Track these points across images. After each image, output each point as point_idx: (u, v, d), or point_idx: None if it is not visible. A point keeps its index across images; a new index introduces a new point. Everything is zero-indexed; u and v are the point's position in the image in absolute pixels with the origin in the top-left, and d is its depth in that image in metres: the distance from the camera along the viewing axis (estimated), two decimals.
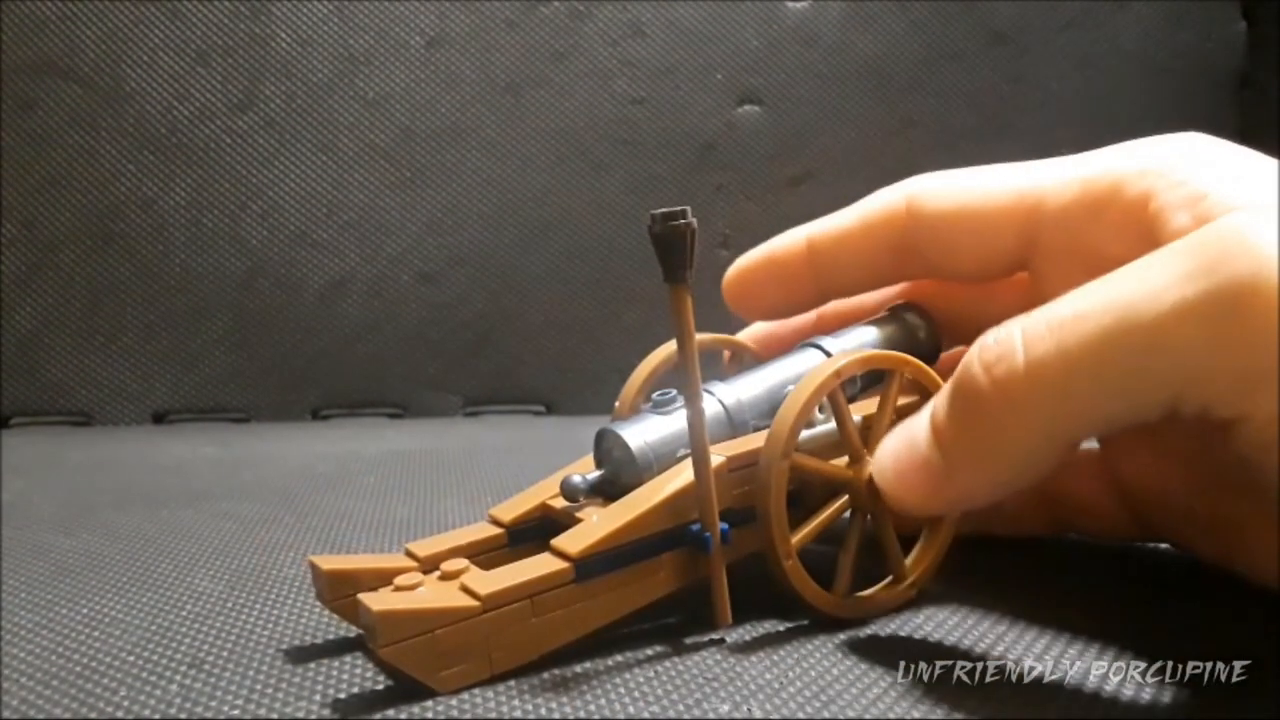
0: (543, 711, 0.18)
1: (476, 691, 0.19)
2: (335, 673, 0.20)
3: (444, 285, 0.75)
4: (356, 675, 0.20)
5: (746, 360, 0.30)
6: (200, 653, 0.22)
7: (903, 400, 0.24)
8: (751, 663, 0.20)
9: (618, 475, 0.23)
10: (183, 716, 0.18)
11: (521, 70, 0.77)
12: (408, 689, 0.19)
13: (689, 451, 0.22)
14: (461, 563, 0.22)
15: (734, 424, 0.24)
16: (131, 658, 0.21)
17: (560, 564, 0.20)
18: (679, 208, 0.19)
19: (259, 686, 0.20)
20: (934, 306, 0.28)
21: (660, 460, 0.23)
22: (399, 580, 0.21)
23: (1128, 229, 0.22)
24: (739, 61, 0.80)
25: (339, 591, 0.21)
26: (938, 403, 0.20)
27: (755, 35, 0.80)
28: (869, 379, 0.25)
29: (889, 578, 0.23)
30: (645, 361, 0.28)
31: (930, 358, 0.27)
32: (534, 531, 0.23)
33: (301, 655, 0.21)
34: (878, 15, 0.81)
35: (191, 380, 0.73)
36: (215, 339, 0.73)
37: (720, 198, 0.79)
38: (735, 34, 0.80)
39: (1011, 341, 0.18)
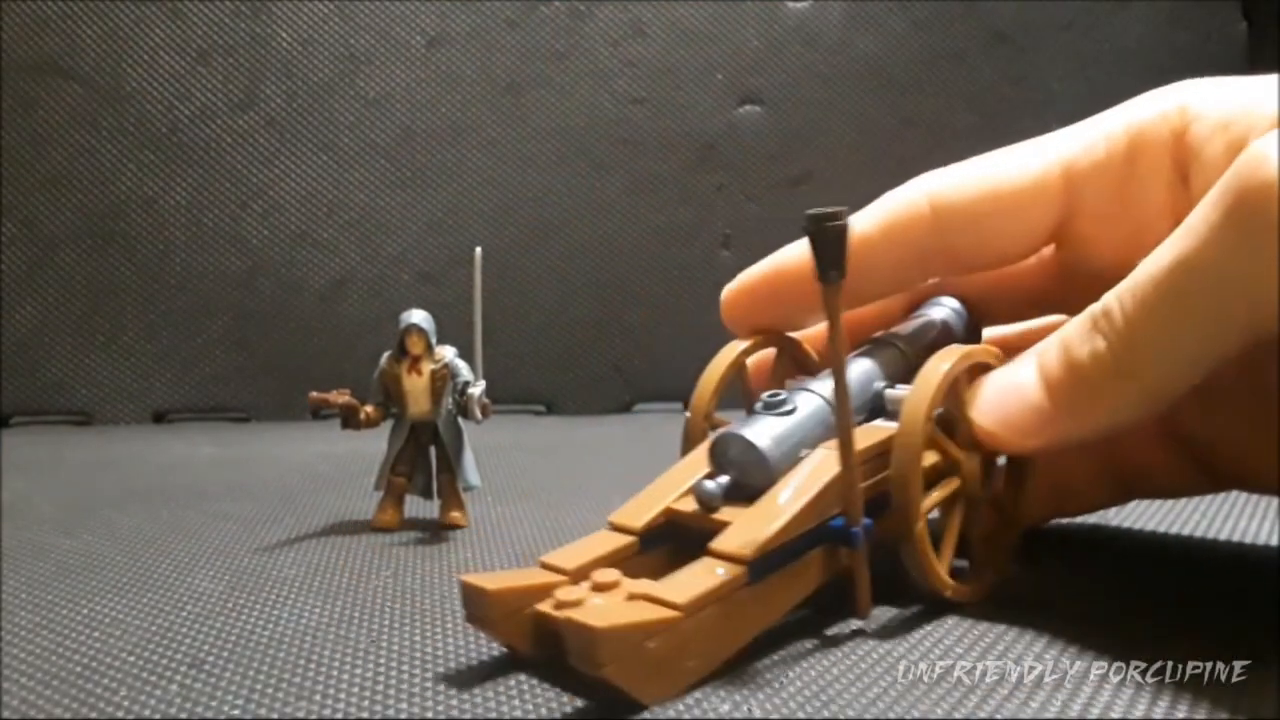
0: (543, 712, 0.18)
1: (476, 694, 0.19)
2: (335, 673, 0.20)
3: (444, 285, 0.75)
4: (357, 676, 0.20)
5: (800, 359, 0.28)
6: (200, 653, 0.22)
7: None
8: (751, 663, 0.20)
9: (745, 477, 0.23)
10: (183, 716, 0.18)
11: (522, 70, 0.77)
12: (404, 689, 0.19)
13: (810, 450, 0.23)
14: (613, 573, 0.20)
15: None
16: (132, 658, 0.21)
17: (736, 567, 0.20)
18: (835, 208, 0.19)
19: (259, 687, 0.20)
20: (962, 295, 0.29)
21: (786, 459, 0.23)
22: (559, 594, 0.20)
23: (1162, 172, 0.24)
24: (739, 61, 0.80)
25: (505, 609, 0.20)
26: (1049, 357, 0.22)
27: (755, 35, 0.80)
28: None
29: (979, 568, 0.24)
30: (713, 366, 0.27)
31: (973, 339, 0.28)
32: (661, 536, 0.23)
33: (302, 655, 0.21)
34: (878, 15, 0.81)
35: (191, 380, 0.73)
36: (215, 338, 0.73)
37: (720, 198, 0.79)
38: (735, 34, 0.80)
39: (1111, 310, 0.21)
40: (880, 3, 0.81)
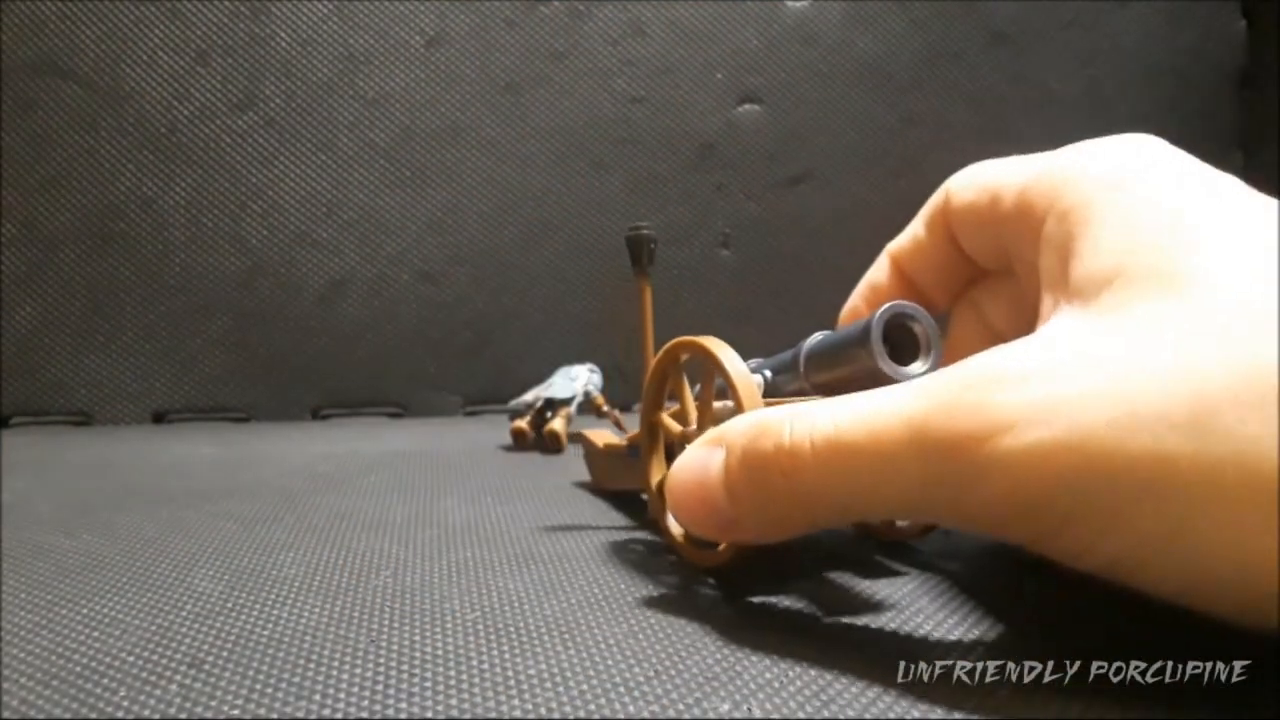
0: (542, 711, 0.18)
1: (476, 694, 0.19)
2: (335, 673, 0.20)
3: (444, 285, 0.75)
4: (357, 675, 0.20)
5: None
6: (200, 653, 0.22)
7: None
8: (751, 662, 0.20)
9: None
10: (182, 717, 0.18)
11: (521, 70, 0.77)
12: (404, 689, 0.19)
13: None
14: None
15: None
16: (131, 658, 0.21)
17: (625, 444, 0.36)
18: (643, 223, 0.29)
19: (259, 686, 0.20)
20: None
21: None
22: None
23: (1032, 241, 0.22)
24: (739, 61, 0.80)
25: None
26: (734, 452, 0.21)
27: (755, 35, 0.80)
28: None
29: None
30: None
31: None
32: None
33: (302, 655, 0.21)
34: (878, 15, 0.81)
35: (191, 380, 0.73)
36: (215, 339, 0.73)
37: (720, 197, 0.79)
38: (735, 34, 0.80)
39: (800, 449, 0.20)
40: (879, 2, 0.81)
